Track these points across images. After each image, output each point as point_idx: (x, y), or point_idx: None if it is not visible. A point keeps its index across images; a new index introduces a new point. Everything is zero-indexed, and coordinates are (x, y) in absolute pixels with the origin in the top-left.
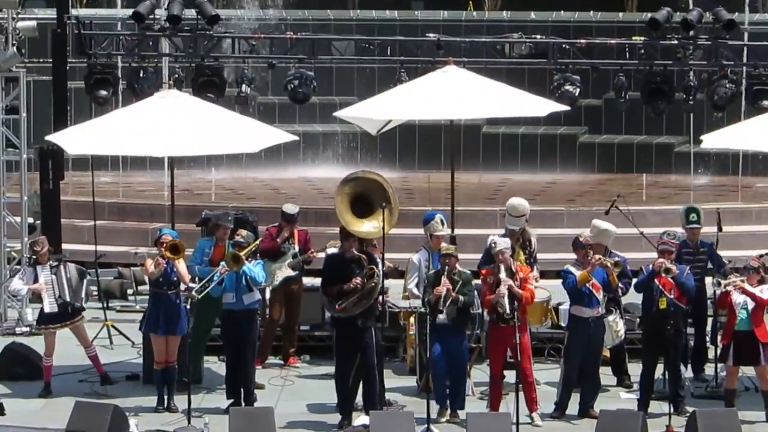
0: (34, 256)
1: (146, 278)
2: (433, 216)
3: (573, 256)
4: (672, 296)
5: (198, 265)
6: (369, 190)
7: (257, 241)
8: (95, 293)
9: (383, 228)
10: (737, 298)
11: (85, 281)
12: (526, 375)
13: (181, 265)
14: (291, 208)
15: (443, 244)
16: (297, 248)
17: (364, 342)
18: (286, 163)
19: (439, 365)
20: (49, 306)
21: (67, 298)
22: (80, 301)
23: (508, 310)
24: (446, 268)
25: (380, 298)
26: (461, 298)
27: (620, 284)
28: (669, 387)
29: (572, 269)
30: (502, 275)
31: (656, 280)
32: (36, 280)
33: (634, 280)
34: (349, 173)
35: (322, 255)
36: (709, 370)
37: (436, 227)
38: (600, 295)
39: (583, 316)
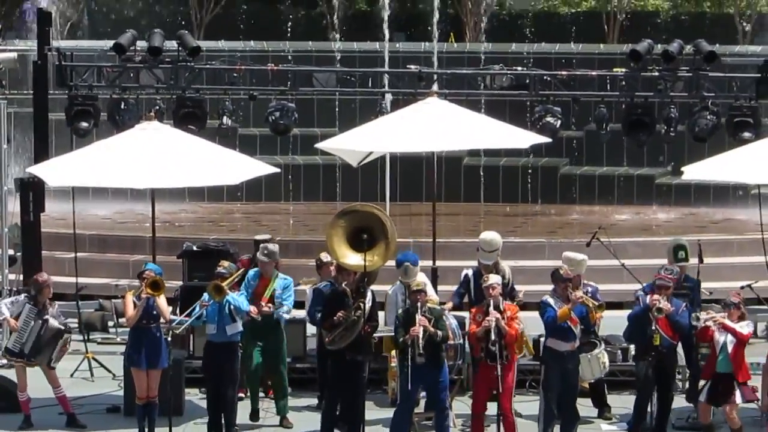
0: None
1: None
2: (402, 262)
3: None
4: (665, 334)
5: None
6: (369, 222)
7: (239, 272)
8: (76, 327)
9: (365, 263)
10: (718, 336)
11: (59, 344)
12: (506, 414)
13: (161, 301)
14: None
15: (413, 280)
16: None
17: (350, 377)
18: (267, 195)
19: (408, 403)
20: (12, 344)
21: (26, 351)
22: (43, 360)
23: (494, 337)
24: (417, 305)
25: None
26: (440, 333)
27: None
28: (655, 419)
29: (551, 301)
30: (491, 309)
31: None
32: (19, 316)
33: (629, 312)
34: (347, 206)
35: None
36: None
37: (404, 277)
38: (577, 330)
39: (559, 350)
